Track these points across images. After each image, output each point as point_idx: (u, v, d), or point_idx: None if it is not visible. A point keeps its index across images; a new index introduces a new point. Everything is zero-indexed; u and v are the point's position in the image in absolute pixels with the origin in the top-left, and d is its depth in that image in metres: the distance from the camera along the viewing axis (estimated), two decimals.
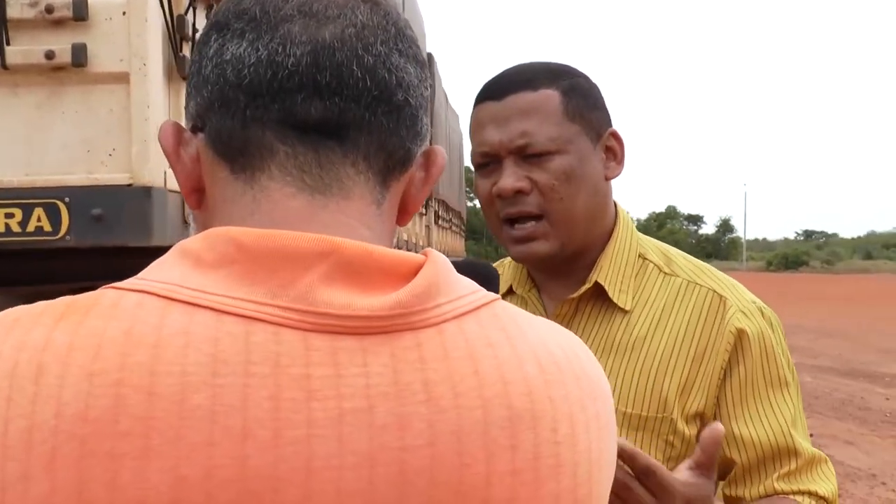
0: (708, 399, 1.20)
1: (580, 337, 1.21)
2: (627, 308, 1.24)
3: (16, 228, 2.50)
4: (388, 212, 0.65)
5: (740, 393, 1.20)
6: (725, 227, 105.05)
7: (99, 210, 2.48)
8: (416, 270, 0.60)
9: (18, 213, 2.50)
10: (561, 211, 1.20)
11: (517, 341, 0.61)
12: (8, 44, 2.52)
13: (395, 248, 0.62)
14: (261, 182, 0.61)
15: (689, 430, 1.20)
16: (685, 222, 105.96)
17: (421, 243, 8.46)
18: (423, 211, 8.83)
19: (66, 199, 2.49)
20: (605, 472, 0.64)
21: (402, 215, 0.67)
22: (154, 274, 0.58)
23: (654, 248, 1.30)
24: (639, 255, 1.28)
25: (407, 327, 0.57)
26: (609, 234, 1.27)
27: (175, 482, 0.51)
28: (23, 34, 2.54)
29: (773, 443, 1.19)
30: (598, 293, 1.25)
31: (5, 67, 2.52)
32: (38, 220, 2.49)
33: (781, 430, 1.19)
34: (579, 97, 1.21)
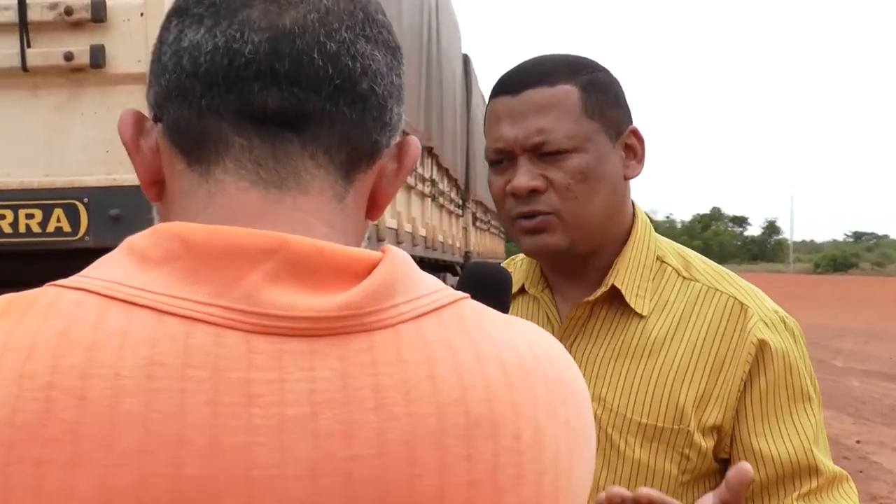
0: (726, 411, 1.16)
1: (594, 341, 1.21)
2: (644, 313, 1.20)
3: (36, 229, 2.54)
4: (352, 207, 0.61)
5: (761, 407, 1.16)
6: (771, 228, 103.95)
7: (117, 210, 2.50)
8: (371, 269, 0.56)
9: (38, 214, 2.54)
10: (575, 210, 1.16)
11: (481, 343, 0.57)
12: (28, 46, 2.54)
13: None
14: (215, 175, 0.59)
15: (706, 443, 1.16)
16: (730, 224, 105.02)
17: (458, 245, 8.43)
18: (461, 213, 8.78)
19: (85, 200, 2.53)
20: (577, 480, 0.60)
21: (373, 209, 0.65)
22: (97, 271, 0.56)
23: (673, 251, 1.26)
24: (657, 258, 1.23)
25: (360, 329, 0.54)
26: (626, 235, 1.23)
27: (104, 491, 0.49)
28: (42, 36, 2.56)
29: (795, 460, 1.14)
30: (614, 296, 1.21)
31: (26, 70, 2.55)
32: (58, 220, 2.53)
33: (803, 448, 1.15)
34: (599, 93, 1.18)
